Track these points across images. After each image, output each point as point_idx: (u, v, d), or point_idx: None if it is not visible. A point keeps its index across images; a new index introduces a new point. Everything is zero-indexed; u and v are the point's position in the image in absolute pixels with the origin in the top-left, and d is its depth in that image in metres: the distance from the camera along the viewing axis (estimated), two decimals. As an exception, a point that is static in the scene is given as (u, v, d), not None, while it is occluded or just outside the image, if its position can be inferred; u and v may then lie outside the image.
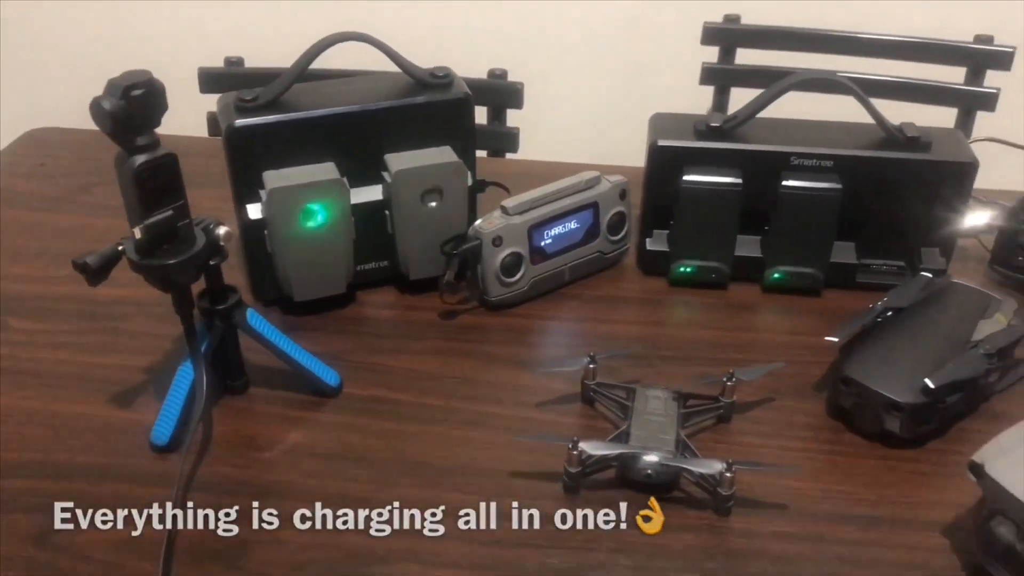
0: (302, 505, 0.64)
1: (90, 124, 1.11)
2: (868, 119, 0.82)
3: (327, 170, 0.76)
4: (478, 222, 0.81)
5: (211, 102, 1.30)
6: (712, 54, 1.33)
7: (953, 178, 0.80)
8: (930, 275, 0.78)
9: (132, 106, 0.57)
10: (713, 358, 0.77)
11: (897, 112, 0.90)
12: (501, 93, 1.25)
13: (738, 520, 0.63)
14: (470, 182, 0.82)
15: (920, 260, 0.84)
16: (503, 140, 1.28)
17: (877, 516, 0.63)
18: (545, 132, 1.36)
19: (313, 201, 0.75)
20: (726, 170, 0.81)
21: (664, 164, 0.82)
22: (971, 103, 1.29)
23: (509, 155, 1.30)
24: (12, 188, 1.03)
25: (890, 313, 0.74)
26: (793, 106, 0.88)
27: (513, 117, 1.29)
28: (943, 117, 1.29)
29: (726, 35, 1.32)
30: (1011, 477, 0.55)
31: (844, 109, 0.85)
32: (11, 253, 0.90)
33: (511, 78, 1.26)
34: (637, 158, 0.86)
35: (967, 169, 0.80)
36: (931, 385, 0.66)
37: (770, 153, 0.81)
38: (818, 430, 0.71)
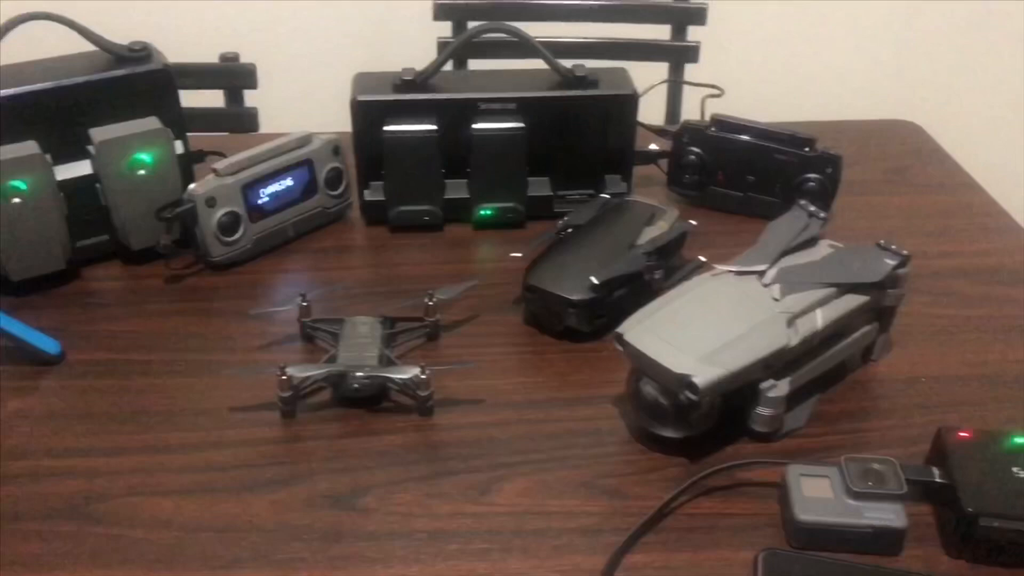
0: (23, 463, 0.66)
1: None
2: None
3: (27, 147, 0.78)
4: (192, 186, 0.84)
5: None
6: (446, 28, 1.42)
7: (618, 109, 0.91)
8: (608, 196, 0.89)
9: None
10: (426, 289, 0.84)
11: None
12: (235, 75, 1.29)
13: (439, 418, 0.70)
14: (180, 150, 0.85)
15: (605, 186, 0.94)
16: (242, 121, 1.31)
17: (559, 397, 0.73)
18: (288, 109, 1.40)
19: (14, 178, 0.77)
20: (422, 119, 0.88)
21: (367, 118, 0.89)
22: (677, 57, 1.44)
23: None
24: None
25: (571, 230, 0.84)
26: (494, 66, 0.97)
27: (251, 98, 1.32)
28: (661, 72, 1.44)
29: (456, 11, 1.41)
30: (645, 340, 0.65)
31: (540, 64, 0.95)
32: None
33: (244, 60, 1.30)
34: None
35: (629, 99, 0.91)
36: (596, 281, 0.76)
37: (460, 100, 0.89)
38: (515, 336, 0.79)
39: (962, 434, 0.63)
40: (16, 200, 0.77)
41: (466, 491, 0.64)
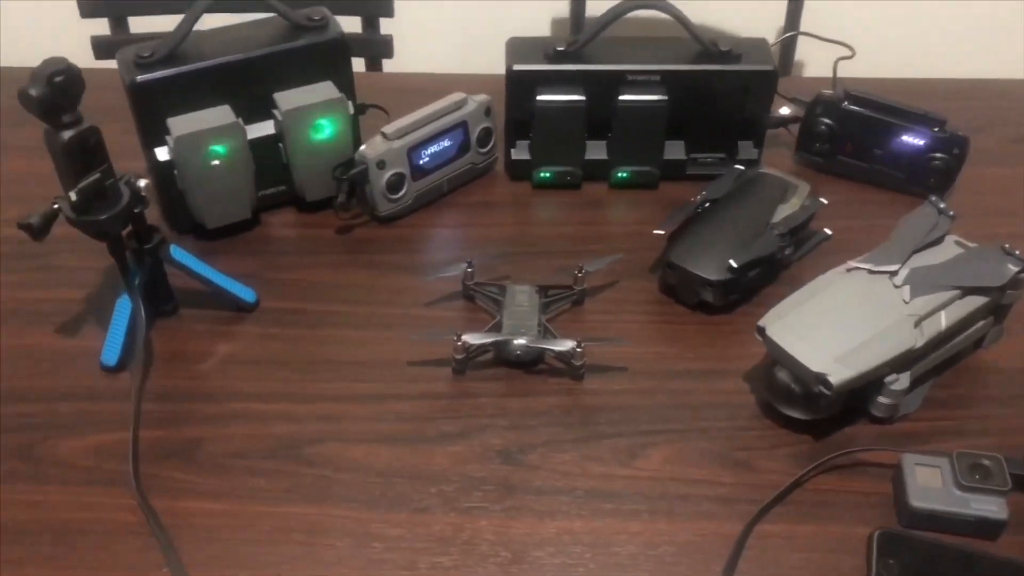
0: (240, 404, 0.78)
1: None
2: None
3: (224, 113, 0.87)
4: (363, 147, 0.92)
5: (93, 26, 1.36)
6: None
7: (759, 83, 0.96)
8: (742, 167, 0.95)
9: (55, 90, 0.66)
10: (570, 251, 0.93)
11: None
12: (372, 3, 1.34)
13: (589, 383, 0.80)
14: (352, 111, 0.93)
15: (737, 152, 1.00)
16: (378, 47, 1.38)
17: (695, 370, 0.81)
18: (417, 34, 1.45)
19: (215, 143, 0.86)
20: (572, 88, 0.94)
21: (520, 85, 0.95)
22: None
23: (385, 61, 1.40)
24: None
25: (708, 204, 0.91)
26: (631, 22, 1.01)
27: (386, 25, 1.38)
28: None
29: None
30: (784, 336, 0.73)
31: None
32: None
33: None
34: (496, 56, 0.98)
35: (770, 75, 0.95)
36: (734, 264, 0.83)
37: (608, 72, 0.94)
38: (652, 304, 0.88)
39: (1065, 435, 0.71)
40: (215, 162, 0.87)
41: (617, 455, 0.74)
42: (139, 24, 1.38)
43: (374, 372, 0.81)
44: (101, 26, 1.37)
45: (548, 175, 0.99)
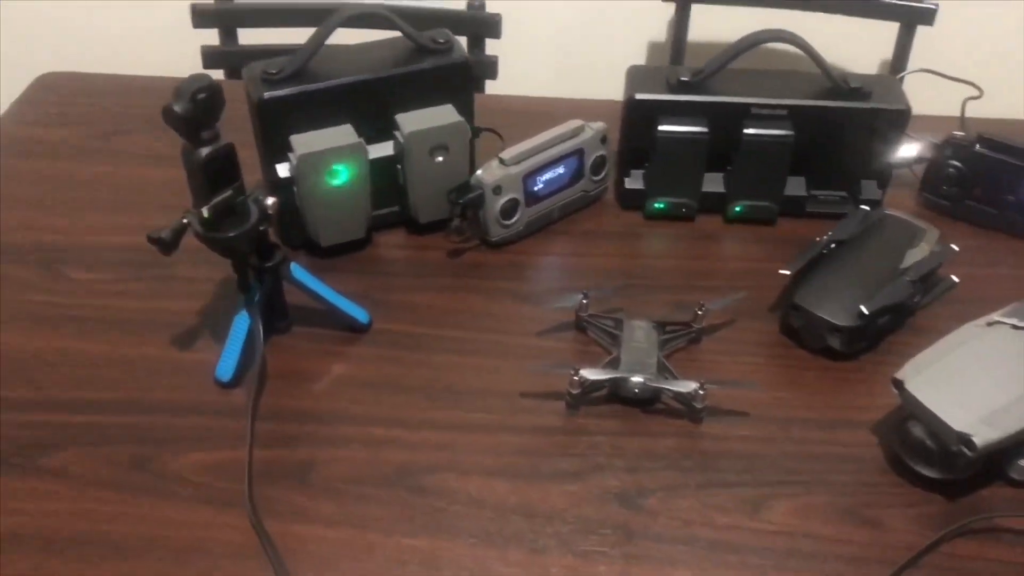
0: (354, 428, 0.77)
1: (104, 69, 1.16)
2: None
3: (347, 133, 0.86)
4: (479, 172, 0.91)
5: (204, 36, 1.37)
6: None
7: (889, 122, 0.92)
8: (868, 208, 0.92)
9: (197, 107, 0.67)
10: (684, 285, 0.90)
11: (847, 26, 0.97)
12: (480, 23, 1.34)
13: (709, 426, 0.78)
14: (470, 135, 0.92)
15: (860, 191, 0.97)
16: (483, 68, 1.37)
17: (819, 418, 0.78)
18: (522, 58, 1.44)
19: (337, 162, 0.85)
20: (695, 120, 0.92)
21: (640, 114, 0.93)
22: (911, 17, 1.39)
23: (488, 82, 1.39)
24: (32, 137, 1.10)
25: (833, 245, 0.87)
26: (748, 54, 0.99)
27: (492, 46, 1.37)
28: (887, 31, 1.40)
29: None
30: (924, 392, 0.70)
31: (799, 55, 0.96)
32: (49, 204, 0.99)
33: (489, 9, 1.34)
34: (606, 81, 0.95)
35: (901, 115, 0.92)
36: (866, 311, 0.80)
37: (733, 104, 0.92)
38: (772, 347, 0.85)
39: None
40: (336, 182, 0.86)
41: (740, 505, 0.72)
42: (247, 36, 1.39)
43: (487, 401, 0.80)
44: (210, 36, 1.39)
45: (663, 206, 0.97)
